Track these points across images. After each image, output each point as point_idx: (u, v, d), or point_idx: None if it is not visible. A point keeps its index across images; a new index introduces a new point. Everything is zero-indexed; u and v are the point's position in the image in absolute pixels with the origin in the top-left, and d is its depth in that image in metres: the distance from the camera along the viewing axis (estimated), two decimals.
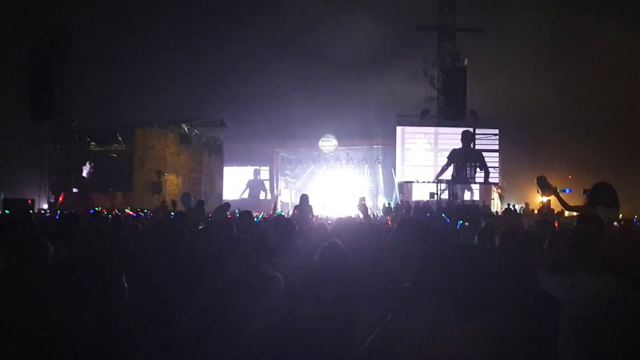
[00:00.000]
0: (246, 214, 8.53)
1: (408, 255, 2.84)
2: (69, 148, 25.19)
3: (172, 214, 12.99)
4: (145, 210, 16.91)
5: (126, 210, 16.99)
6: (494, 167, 24.28)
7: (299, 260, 4.31)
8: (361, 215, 8.90)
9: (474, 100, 23.55)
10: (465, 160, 20.60)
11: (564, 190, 9.27)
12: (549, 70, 25.53)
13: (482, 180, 21.68)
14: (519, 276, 3.58)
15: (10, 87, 23.85)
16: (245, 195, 32.91)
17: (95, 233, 4.33)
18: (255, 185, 33.60)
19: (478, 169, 20.69)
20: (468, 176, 20.47)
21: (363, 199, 18.01)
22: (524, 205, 21.71)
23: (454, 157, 20.73)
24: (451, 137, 23.47)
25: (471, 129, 22.48)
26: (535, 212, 18.89)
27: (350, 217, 10.31)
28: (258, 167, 33.73)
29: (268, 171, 33.78)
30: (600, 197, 5.75)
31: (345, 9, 29.88)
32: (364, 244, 4.60)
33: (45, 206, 22.81)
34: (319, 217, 17.21)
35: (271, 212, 20.36)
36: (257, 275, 3.29)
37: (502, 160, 24.76)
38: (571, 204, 6.59)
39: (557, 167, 21.14)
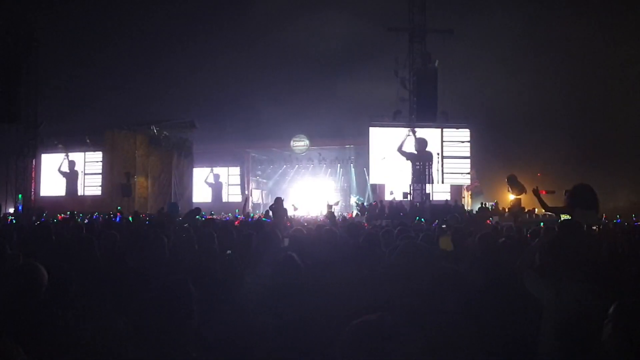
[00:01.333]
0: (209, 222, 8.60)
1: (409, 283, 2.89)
2: (36, 151, 24.66)
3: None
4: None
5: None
6: (466, 173, 25.00)
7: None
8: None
9: (445, 101, 23.83)
10: (421, 162, 21.89)
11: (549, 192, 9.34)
12: (519, 71, 25.94)
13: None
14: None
15: None
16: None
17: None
18: (217, 188, 33.22)
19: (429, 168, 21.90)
20: (425, 176, 21.44)
21: (331, 207, 18.73)
22: (494, 204, 22.00)
23: (413, 159, 22.58)
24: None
25: (425, 137, 23.99)
26: (506, 210, 19.18)
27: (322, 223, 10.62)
28: (218, 173, 33.32)
29: (239, 172, 33.37)
30: (580, 199, 5.77)
31: (315, 10, 29.82)
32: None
33: (12, 210, 22.27)
34: (294, 217, 17.21)
35: (242, 212, 20.29)
36: None
37: (472, 160, 25.09)
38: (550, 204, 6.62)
39: (527, 166, 21.44)
